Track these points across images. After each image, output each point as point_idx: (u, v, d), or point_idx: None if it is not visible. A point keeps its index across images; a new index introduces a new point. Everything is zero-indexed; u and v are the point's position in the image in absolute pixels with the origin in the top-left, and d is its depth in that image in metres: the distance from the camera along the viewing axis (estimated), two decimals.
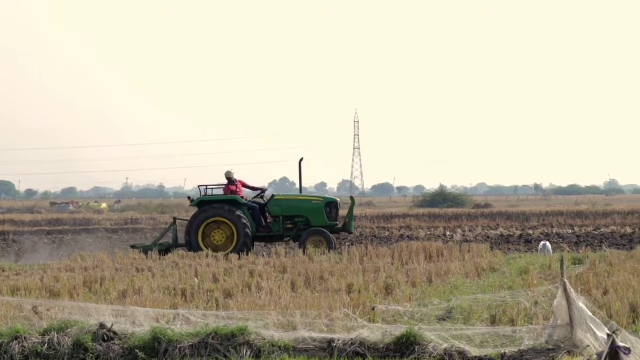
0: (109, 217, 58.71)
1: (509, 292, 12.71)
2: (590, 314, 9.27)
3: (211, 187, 26.37)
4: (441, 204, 78.29)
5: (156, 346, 10.31)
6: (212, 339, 10.23)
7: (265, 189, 27.61)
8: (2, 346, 10.53)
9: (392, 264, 19.30)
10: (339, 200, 27.12)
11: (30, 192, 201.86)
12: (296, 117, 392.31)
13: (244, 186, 26.82)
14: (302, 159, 26.89)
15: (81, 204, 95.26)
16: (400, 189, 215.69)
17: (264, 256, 22.51)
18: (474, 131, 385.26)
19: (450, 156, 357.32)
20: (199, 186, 26.40)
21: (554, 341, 9.38)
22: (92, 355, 10.35)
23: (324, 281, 16.37)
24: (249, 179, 26.54)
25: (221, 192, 26.25)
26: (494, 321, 11.45)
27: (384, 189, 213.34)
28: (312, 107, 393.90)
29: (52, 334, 10.59)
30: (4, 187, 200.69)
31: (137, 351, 10.27)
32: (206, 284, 16.16)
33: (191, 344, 10.25)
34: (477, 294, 13.73)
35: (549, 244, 24.50)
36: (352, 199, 28.08)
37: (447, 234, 36.96)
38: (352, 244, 26.54)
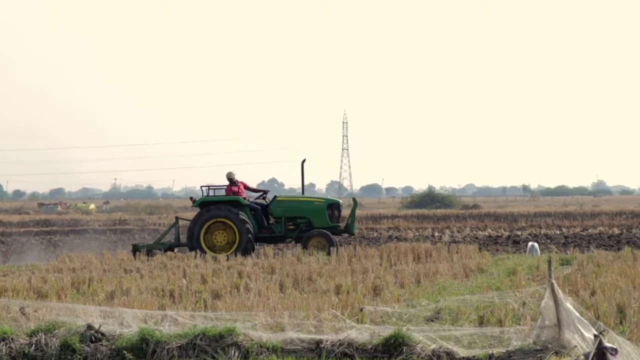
0: (97, 217, 58.63)
1: (497, 293, 12.73)
2: (577, 315, 9.29)
3: (213, 187, 26.32)
4: (429, 205, 78.47)
5: (144, 347, 10.28)
6: (200, 340, 10.21)
7: (267, 191, 27.59)
8: None
9: (381, 265, 19.32)
10: (341, 201, 27.12)
11: (18, 193, 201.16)
12: (285, 118, 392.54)
13: (246, 188, 26.77)
14: (305, 160, 26.84)
15: (69, 205, 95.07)
16: (388, 189, 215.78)
17: (252, 257, 22.49)
18: (463, 132, 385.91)
19: (438, 157, 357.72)
20: (202, 187, 26.34)
21: (541, 342, 9.39)
22: (79, 356, 10.32)
23: (312, 282, 16.37)
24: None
25: (223, 193, 26.19)
26: (481, 322, 11.46)
27: (372, 189, 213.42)
28: (300, 108, 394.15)
29: (40, 335, 10.55)
30: None
31: (124, 352, 10.24)
32: (194, 284, 16.14)
33: (179, 345, 10.22)
34: (465, 294, 13.76)
35: (536, 244, 24.57)
36: (355, 200, 28.13)
37: (436, 234, 37.03)
38: (341, 245, 26.53)
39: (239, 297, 14.18)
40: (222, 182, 26.32)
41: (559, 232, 37.49)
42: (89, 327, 10.63)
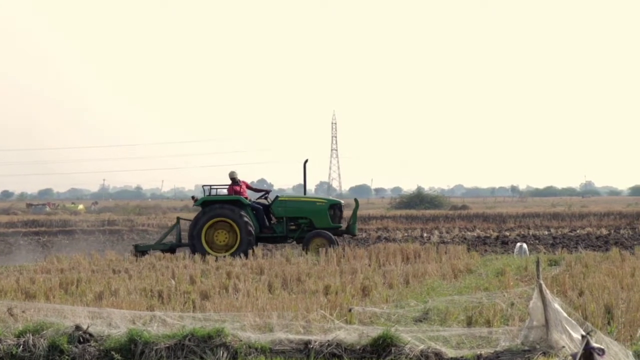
0: (86, 218, 58.46)
1: (485, 294, 12.73)
2: (565, 315, 9.31)
3: (215, 187, 26.29)
4: (418, 206, 78.54)
5: (132, 348, 10.26)
6: (189, 340, 10.19)
7: (269, 191, 27.56)
8: None
9: (369, 266, 19.33)
10: (343, 202, 27.12)
11: (6, 193, 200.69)
12: (274, 119, 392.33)
13: (248, 187, 26.74)
14: (307, 161, 26.81)
15: (58, 205, 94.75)
16: (377, 190, 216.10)
17: (241, 258, 22.48)
18: (452, 133, 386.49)
19: (427, 158, 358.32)
20: (203, 186, 26.32)
21: (529, 342, 9.41)
22: (67, 357, 10.29)
23: (301, 282, 16.37)
24: (227, 180, 26.29)
25: (225, 192, 26.15)
26: (470, 322, 11.47)
27: (361, 190, 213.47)
28: (290, 108, 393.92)
29: (28, 335, 10.52)
30: None
31: (113, 353, 10.21)
32: (183, 285, 16.12)
33: (167, 345, 10.20)
34: (454, 295, 13.77)
35: (525, 245, 24.60)
36: (357, 201, 28.16)
37: (424, 235, 37.06)
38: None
39: (227, 298, 14.16)
40: (212, 183, 26.29)
41: (547, 232, 37.57)
42: (77, 327, 10.61)
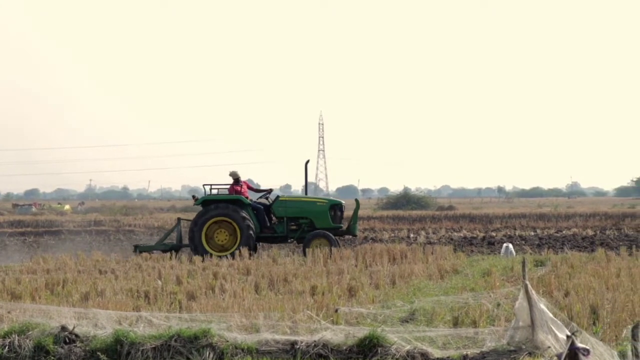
0: (72, 218, 58.23)
1: (472, 294, 12.77)
2: (551, 316, 9.34)
3: (216, 186, 26.25)
4: (405, 206, 78.59)
5: (118, 348, 10.25)
6: (175, 341, 10.18)
7: (270, 190, 27.50)
8: None
9: (356, 266, 19.34)
10: (343, 202, 27.12)
11: None
12: (261, 119, 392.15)
13: (249, 188, 26.67)
14: (309, 161, 26.74)
15: (44, 206, 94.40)
16: (364, 191, 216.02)
17: (227, 258, 22.46)
18: (439, 134, 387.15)
19: (414, 158, 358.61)
20: (204, 185, 26.24)
21: (515, 342, 9.43)
22: (53, 357, 10.27)
23: (287, 283, 16.37)
24: (214, 181, 26.23)
25: (226, 192, 26.10)
26: (456, 323, 11.50)
27: (348, 191, 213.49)
28: (276, 109, 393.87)
29: (13, 336, 10.49)
30: None
31: (99, 354, 10.20)
32: (169, 286, 16.10)
33: (154, 346, 10.19)
34: (440, 295, 13.80)
35: (511, 245, 24.65)
36: (357, 201, 28.11)
37: (411, 235, 37.05)
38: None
39: (214, 298, 14.15)
40: (199, 184, 26.24)
41: (533, 233, 37.64)
42: (63, 328, 10.59)
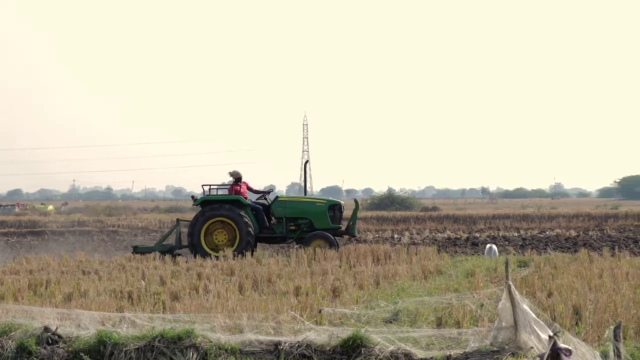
0: (56, 219, 58.02)
1: (455, 295, 12.78)
2: (534, 316, 9.37)
3: (215, 186, 26.20)
4: (389, 207, 78.66)
5: (101, 349, 10.22)
6: (158, 341, 10.16)
7: (269, 191, 27.43)
8: None
9: (340, 267, 19.34)
10: (342, 203, 27.10)
11: None
12: (245, 120, 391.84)
13: (248, 189, 26.60)
14: (308, 161, 26.68)
15: (27, 206, 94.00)
16: (348, 191, 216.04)
17: (211, 259, 22.42)
18: (422, 135, 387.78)
19: (398, 159, 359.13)
20: (203, 185, 26.19)
21: (498, 343, 9.45)
22: (36, 358, 10.23)
23: (271, 284, 16.36)
24: (198, 181, 26.27)
25: (225, 192, 26.04)
26: (439, 323, 11.52)
27: (332, 191, 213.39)
28: (261, 110, 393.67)
29: None
30: None
31: (82, 354, 10.17)
32: (153, 286, 16.06)
33: (137, 347, 10.17)
34: (424, 296, 13.82)
35: (495, 246, 24.71)
36: (356, 202, 28.11)
37: (395, 236, 37.10)
38: (300, 247, 26.52)
39: (197, 299, 14.13)
40: (183, 184, 26.21)
41: (517, 234, 37.76)
42: (46, 329, 10.55)
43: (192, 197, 26.91)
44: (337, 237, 25.76)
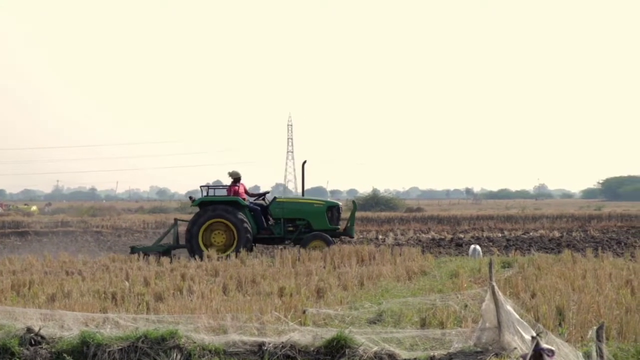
0: (39, 219, 57.77)
1: (439, 295, 12.81)
2: (517, 317, 9.39)
3: (213, 187, 26.12)
4: (374, 208, 78.71)
5: (85, 350, 10.18)
6: (142, 342, 10.13)
7: (267, 192, 27.41)
8: None
9: (324, 268, 19.34)
10: (341, 204, 27.06)
11: None
12: (230, 121, 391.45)
13: (245, 192, 26.53)
14: (305, 162, 26.66)
15: (10, 207, 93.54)
16: (333, 192, 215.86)
17: (196, 259, 22.38)
18: (407, 135, 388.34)
19: (383, 160, 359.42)
20: (201, 186, 26.11)
21: (482, 344, 9.47)
22: (18, 359, 10.19)
23: (255, 284, 16.35)
24: (182, 182, 26.26)
25: (224, 193, 25.97)
26: (423, 324, 11.53)
27: (317, 192, 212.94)
28: (246, 110, 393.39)
29: None
30: None
31: (65, 355, 10.13)
32: (137, 287, 16.03)
33: (120, 347, 10.14)
34: (408, 297, 13.83)
35: (479, 247, 24.77)
36: (354, 203, 28.11)
37: (379, 237, 37.10)
38: (285, 248, 26.51)
39: (181, 300, 14.11)
40: (167, 185, 26.18)
41: (500, 235, 37.85)
42: (29, 330, 10.51)
43: (190, 197, 26.87)
44: (335, 238, 25.73)
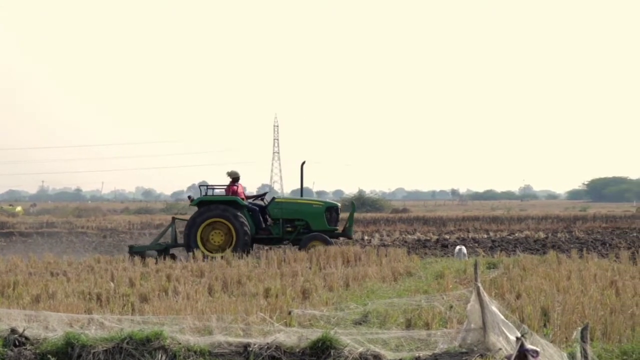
0: (24, 220, 57.61)
1: (425, 296, 12.82)
2: (502, 318, 9.40)
3: (212, 187, 26.07)
4: (359, 209, 78.70)
5: (69, 351, 10.15)
6: (127, 343, 10.10)
7: (265, 192, 27.36)
8: None
9: (310, 268, 19.34)
10: (339, 205, 27.05)
11: None
12: (216, 121, 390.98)
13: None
14: (304, 162, 26.65)
15: None
16: (319, 193, 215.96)
17: (181, 260, 22.34)
18: (393, 136, 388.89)
19: (369, 161, 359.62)
20: (200, 186, 26.08)
21: (467, 344, 9.48)
22: None
23: (241, 285, 16.34)
24: (169, 183, 26.24)
25: (222, 192, 25.92)
26: (409, 325, 11.54)
27: (303, 193, 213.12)
28: (232, 111, 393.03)
29: None
30: None
31: (49, 356, 10.09)
32: (122, 288, 15.99)
33: (105, 348, 10.11)
34: (393, 298, 13.83)
35: (464, 248, 24.81)
36: (353, 204, 28.17)
37: (365, 238, 37.11)
38: (270, 248, 26.49)
39: (167, 301, 14.08)
40: (153, 185, 26.14)
41: (486, 236, 37.95)
42: (13, 331, 10.47)
43: (189, 197, 26.87)
44: (334, 238, 25.72)
